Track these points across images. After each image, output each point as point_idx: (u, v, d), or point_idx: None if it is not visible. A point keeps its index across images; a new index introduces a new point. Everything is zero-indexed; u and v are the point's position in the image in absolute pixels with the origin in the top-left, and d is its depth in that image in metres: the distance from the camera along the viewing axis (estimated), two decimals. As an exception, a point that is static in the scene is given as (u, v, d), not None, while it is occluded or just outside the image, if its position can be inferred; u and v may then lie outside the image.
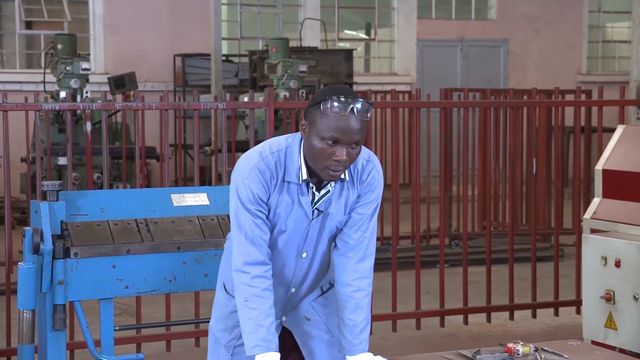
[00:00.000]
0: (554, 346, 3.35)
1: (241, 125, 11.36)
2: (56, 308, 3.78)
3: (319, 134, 3.04)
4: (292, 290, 3.31)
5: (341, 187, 3.19)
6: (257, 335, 3.08)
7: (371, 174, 3.22)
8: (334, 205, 3.19)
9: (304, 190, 3.15)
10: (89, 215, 3.88)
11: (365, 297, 3.23)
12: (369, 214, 3.24)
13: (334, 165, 3.05)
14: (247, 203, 3.13)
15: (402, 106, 8.13)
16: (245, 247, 3.13)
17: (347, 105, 3.02)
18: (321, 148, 3.04)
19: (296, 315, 3.37)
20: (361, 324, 3.21)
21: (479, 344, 5.98)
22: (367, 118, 3.06)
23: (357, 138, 3.04)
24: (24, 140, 6.91)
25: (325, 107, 3.03)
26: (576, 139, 6.89)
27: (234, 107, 6.28)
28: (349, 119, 3.02)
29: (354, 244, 3.23)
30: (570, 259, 8.52)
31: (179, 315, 6.76)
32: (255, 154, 3.16)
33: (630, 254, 4.85)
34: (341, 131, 3.01)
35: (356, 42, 15.96)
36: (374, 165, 3.24)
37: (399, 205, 6.70)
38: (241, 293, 3.13)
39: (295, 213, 3.16)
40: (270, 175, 3.13)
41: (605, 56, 16.68)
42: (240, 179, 3.14)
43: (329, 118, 3.02)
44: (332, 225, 3.22)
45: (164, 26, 13.97)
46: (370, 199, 3.23)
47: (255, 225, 3.13)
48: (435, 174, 9.86)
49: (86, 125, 6.13)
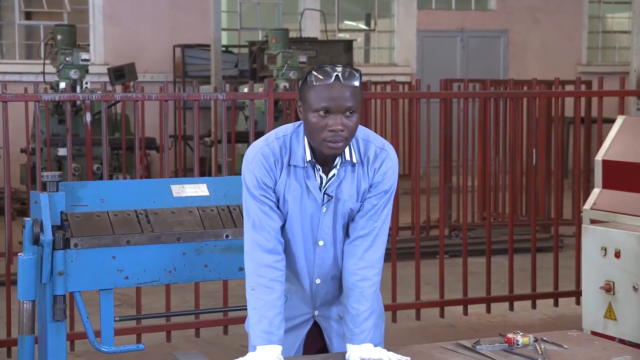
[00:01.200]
0: (554, 337, 3.36)
1: (241, 116, 11.36)
2: (56, 299, 3.78)
3: (311, 108, 3.04)
4: (316, 282, 3.26)
5: (352, 172, 3.15)
6: (260, 326, 3.08)
7: (385, 162, 3.17)
8: (345, 191, 3.15)
9: (310, 173, 3.13)
10: (89, 206, 3.88)
11: (371, 287, 3.19)
12: (382, 204, 3.18)
13: (330, 136, 3.02)
14: (252, 189, 3.12)
15: (402, 97, 8.11)
16: (252, 234, 3.13)
17: (330, 72, 3.03)
18: (315, 121, 3.03)
19: (328, 312, 3.33)
20: (364, 313, 3.18)
21: (479, 334, 5.98)
22: (356, 84, 3.05)
23: (349, 105, 3.02)
24: (24, 131, 6.90)
25: (310, 81, 3.05)
26: (576, 130, 6.89)
27: (234, 98, 6.28)
28: (335, 86, 3.02)
29: (363, 233, 3.18)
30: (570, 250, 8.52)
31: (179, 306, 6.77)
32: (261, 141, 3.17)
33: (630, 244, 4.85)
34: (330, 99, 3.01)
35: (356, 33, 15.94)
36: (388, 154, 3.19)
37: (398, 196, 6.69)
38: (249, 281, 3.14)
39: (304, 198, 3.14)
40: (275, 159, 3.12)
41: (606, 47, 16.67)
42: (246, 165, 3.15)
43: (316, 89, 3.03)
44: (345, 211, 3.17)
45: (163, 17, 13.96)
46: (383, 189, 3.18)
47: (261, 212, 3.12)
48: (435, 164, 9.86)
49: (86, 116, 6.13)
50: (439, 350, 3.23)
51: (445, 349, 3.25)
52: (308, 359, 3.24)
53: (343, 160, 3.14)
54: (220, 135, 6.26)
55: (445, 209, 8.99)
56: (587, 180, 7.89)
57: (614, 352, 3.24)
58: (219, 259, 3.94)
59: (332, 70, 3.04)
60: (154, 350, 5.99)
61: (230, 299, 6.10)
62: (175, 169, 12.37)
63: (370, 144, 3.18)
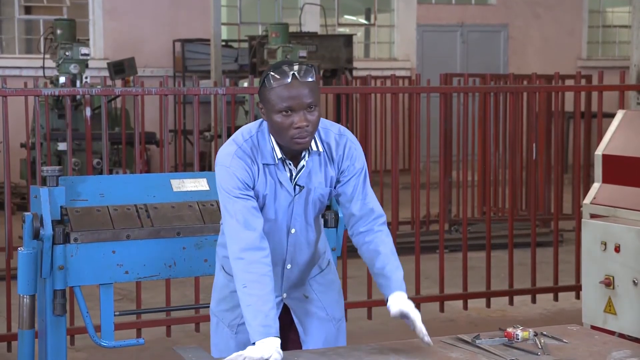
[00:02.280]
0: (554, 331, 3.36)
1: (241, 111, 11.35)
2: (56, 293, 3.79)
3: (273, 109, 3.16)
4: (287, 267, 3.40)
5: (319, 162, 3.31)
6: (257, 320, 3.11)
7: (347, 145, 3.33)
8: (314, 180, 3.31)
9: (281, 168, 3.26)
10: (89, 200, 3.88)
11: (386, 246, 3.32)
12: (361, 183, 3.35)
13: (297, 133, 3.15)
14: (234, 189, 3.21)
15: (402, 91, 8.12)
16: (239, 232, 3.19)
17: (286, 73, 3.14)
18: (280, 122, 3.15)
19: (296, 293, 3.47)
20: (389, 267, 3.30)
21: (479, 329, 5.99)
22: (312, 79, 3.17)
23: (309, 101, 3.15)
24: (24, 126, 6.90)
25: (269, 83, 3.16)
26: (576, 124, 6.89)
27: (234, 93, 6.27)
28: (293, 85, 3.14)
29: (360, 214, 3.35)
30: (570, 244, 8.53)
31: (179, 301, 6.77)
32: (231, 144, 3.27)
33: (629, 239, 4.85)
34: (291, 98, 3.13)
35: (356, 27, 15.93)
36: (347, 137, 3.35)
37: (398, 190, 6.70)
38: (240, 280, 3.18)
39: (279, 193, 3.27)
40: (251, 160, 3.23)
41: (606, 41, 16.65)
42: (223, 169, 3.23)
43: (276, 90, 3.14)
44: (315, 198, 3.33)
45: (163, 11, 13.95)
46: (355, 170, 3.34)
47: (246, 209, 3.20)
48: (435, 159, 9.86)
49: (86, 110, 6.13)
50: (439, 344, 3.23)
51: (445, 344, 3.25)
52: (333, 350, 3.23)
53: (310, 151, 3.28)
54: (220, 129, 6.25)
55: (445, 204, 8.99)
56: (587, 174, 7.88)
57: (614, 347, 3.24)
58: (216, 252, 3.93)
59: (289, 69, 3.16)
60: (154, 344, 6.00)
61: (230, 294, 6.10)
62: (175, 164, 12.37)
63: (328, 131, 3.34)
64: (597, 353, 3.16)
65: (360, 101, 8.92)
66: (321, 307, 3.49)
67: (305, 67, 3.17)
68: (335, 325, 3.52)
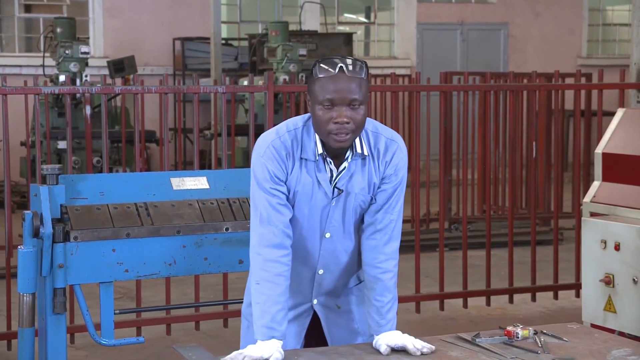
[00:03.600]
0: (554, 329, 3.36)
1: (241, 109, 11.35)
2: (56, 292, 3.78)
3: (316, 101, 3.05)
4: (319, 272, 3.28)
5: (362, 165, 3.16)
6: (262, 321, 3.09)
7: (396, 154, 3.18)
8: (355, 184, 3.16)
9: (321, 167, 3.13)
10: (89, 199, 3.87)
11: (392, 279, 3.22)
12: (396, 197, 3.20)
13: (335, 128, 3.02)
14: (263, 181, 3.12)
15: (402, 90, 8.11)
16: (259, 228, 3.12)
17: (334, 64, 3.04)
18: (321, 114, 3.04)
19: (328, 302, 3.35)
20: (388, 304, 3.20)
21: (479, 327, 5.99)
22: (361, 76, 3.05)
23: (353, 97, 3.02)
24: (24, 124, 6.89)
25: (315, 73, 3.06)
26: (576, 123, 6.89)
27: (234, 91, 6.27)
28: (339, 77, 3.02)
29: (380, 227, 3.20)
30: (570, 243, 8.53)
31: (179, 299, 6.77)
32: (272, 133, 3.16)
33: (629, 237, 4.85)
34: (334, 91, 3.01)
35: (356, 26, 15.93)
36: (398, 145, 3.20)
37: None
38: (254, 275, 3.14)
39: (315, 192, 3.14)
40: (287, 152, 3.12)
41: (606, 39, 16.65)
42: (257, 157, 3.14)
43: (321, 81, 3.03)
44: (356, 204, 3.19)
45: (163, 10, 13.94)
46: (396, 181, 3.19)
47: (270, 205, 3.11)
48: (435, 157, 9.86)
49: (86, 109, 6.13)
50: (439, 342, 3.23)
51: (445, 342, 3.25)
52: (334, 349, 3.23)
53: (354, 153, 3.14)
54: (220, 128, 6.25)
55: (445, 202, 8.98)
56: (587, 173, 7.88)
57: (614, 345, 3.24)
58: (218, 252, 3.94)
59: (337, 61, 3.04)
60: (154, 343, 6.00)
61: (230, 292, 6.11)
62: (175, 162, 12.36)
63: (379, 135, 3.19)
64: (597, 351, 3.17)
65: (360, 99, 8.89)
66: (353, 319, 3.37)
67: (355, 62, 3.05)
68: (365, 341, 3.35)
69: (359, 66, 3.05)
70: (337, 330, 3.35)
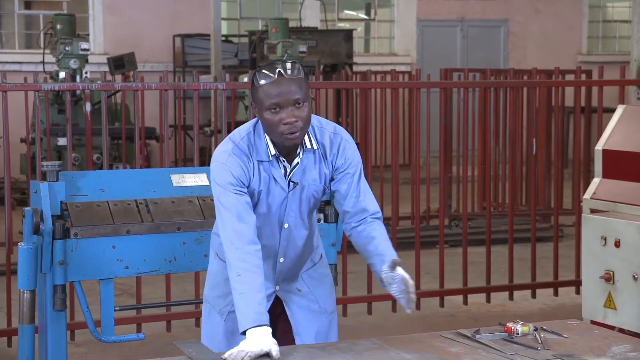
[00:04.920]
0: (554, 326, 3.36)
1: (241, 106, 11.35)
2: (56, 288, 3.79)
3: (263, 107, 3.23)
4: (280, 260, 3.46)
5: (314, 159, 3.36)
6: (249, 309, 3.14)
7: (341, 145, 3.38)
8: (308, 176, 3.36)
9: (275, 165, 3.32)
10: (89, 195, 3.88)
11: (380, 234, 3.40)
12: (355, 181, 3.40)
13: (287, 129, 3.21)
14: (229, 185, 3.26)
15: (402, 86, 8.11)
16: (233, 225, 3.25)
17: (272, 70, 3.22)
18: (269, 118, 3.22)
19: (289, 286, 3.53)
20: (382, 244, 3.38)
21: (479, 323, 5.99)
22: (300, 76, 3.24)
23: (296, 97, 3.21)
24: (24, 121, 6.90)
25: (257, 82, 3.24)
26: (576, 119, 6.89)
27: (234, 88, 6.28)
28: (280, 81, 3.20)
29: (354, 211, 3.40)
30: (570, 239, 8.53)
31: (179, 296, 6.77)
32: (227, 142, 3.33)
33: (629, 233, 4.85)
34: (278, 95, 3.20)
35: (356, 23, 15.92)
36: (341, 136, 3.40)
37: (398, 186, 6.70)
38: (234, 269, 3.22)
39: (272, 188, 3.33)
40: (247, 158, 3.29)
41: (606, 36, 16.64)
42: (219, 166, 3.29)
43: (264, 88, 3.22)
44: (309, 194, 3.39)
45: (163, 6, 13.94)
46: (349, 168, 3.39)
47: (239, 203, 3.26)
48: (435, 154, 9.86)
49: (86, 105, 6.12)
50: (438, 339, 3.23)
51: (445, 338, 3.26)
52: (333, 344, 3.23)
53: (304, 148, 3.34)
54: (220, 125, 6.25)
55: (445, 199, 8.98)
56: (587, 169, 7.89)
57: (614, 342, 3.24)
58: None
59: (274, 67, 3.23)
60: (154, 339, 6.00)
61: (230, 289, 6.10)
62: (175, 159, 12.36)
63: (323, 129, 3.39)
64: (597, 348, 3.17)
65: (360, 96, 8.90)
66: (313, 300, 3.55)
67: (291, 64, 3.23)
68: (328, 318, 3.58)
69: (295, 67, 3.24)
70: (301, 312, 3.53)
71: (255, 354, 3.01)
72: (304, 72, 3.27)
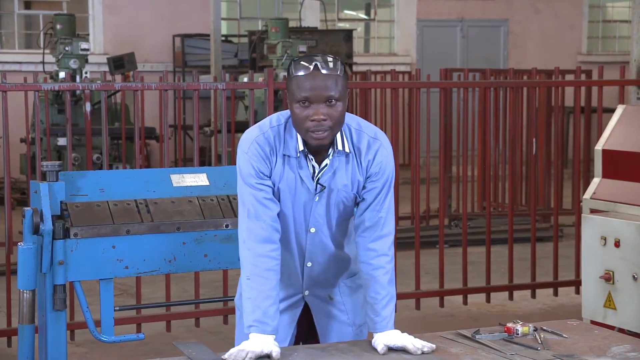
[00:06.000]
0: (553, 326, 3.36)
1: (241, 106, 11.35)
2: (56, 288, 3.78)
3: (293, 99, 3.08)
4: (307, 265, 3.31)
5: (346, 162, 3.18)
6: (254, 315, 3.10)
7: (378, 152, 3.19)
8: (338, 181, 3.18)
9: (302, 164, 3.16)
10: (89, 195, 3.87)
11: (385, 275, 3.21)
12: (383, 194, 3.21)
13: (313, 126, 3.05)
14: (247, 177, 3.14)
15: (402, 86, 8.11)
16: (247, 223, 3.15)
17: (309, 62, 3.06)
18: (297, 112, 3.07)
19: (320, 293, 3.38)
20: (382, 301, 3.19)
21: (479, 324, 5.99)
22: (337, 72, 3.07)
23: (329, 94, 3.05)
24: (24, 121, 6.90)
25: (291, 71, 3.09)
26: (576, 119, 6.89)
27: (234, 88, 6.27)
28: (314, 75, 3.05)
29: (369, 224, 3.21)
30: (570, 239, 8.53)
31: (179, 296, 6.78)
32: (255, 129, 3.19)
33: (629, 233, 4.85)
34: (310, 89, 3.04)
35: (356, 23, 15.92)
36: (381, 143, 3.20)
37: (398, 185, 6.69)
38: (245, 270, 3.16)
39: (298, 188, 3.17)
40: (270, 149, 3.15)
41: (606, 36, 16.64)
42: (241, 154, 3.17)
43: (297, 79, 3.06)
44: (339, 200, 3.21)
45: (163, 6, 13.94)
46: (382, 179, 3.20)
47: (256, 200, 3.13)
48: (435, 154, 9.86)
49: (85, 105, 6.12)
50: (438, 339, 3.23)
51: (445, 339, 3.25)
52: (333, 345, 3.23)
53: (336, 150, 3.16)
54: (220, 125, 6.25)
55: (445, 199, 8.98)
56: (587, 169, 7.89)
57: (614, 342, 3.24)
58: (218, 249, 3.94)
59: (312, 59, 3.07)
60: (154, 339, 6.00)
61: (230, 289, 6.10)
62: (175, 159, 12.36)
63: (362, 133, 3.20)
64: (597, 348, 3.17)
65: (360, 96, 8.91)
66: (344, 310, 3.40)
67: (329, 59, 3.07)
68: (355, 331, 3.42)
69: (335, 63, 3.07)
70: (327, 321, 3.38)
71: (255, 354, 3.01)
72: (343, 69, 3.09)
